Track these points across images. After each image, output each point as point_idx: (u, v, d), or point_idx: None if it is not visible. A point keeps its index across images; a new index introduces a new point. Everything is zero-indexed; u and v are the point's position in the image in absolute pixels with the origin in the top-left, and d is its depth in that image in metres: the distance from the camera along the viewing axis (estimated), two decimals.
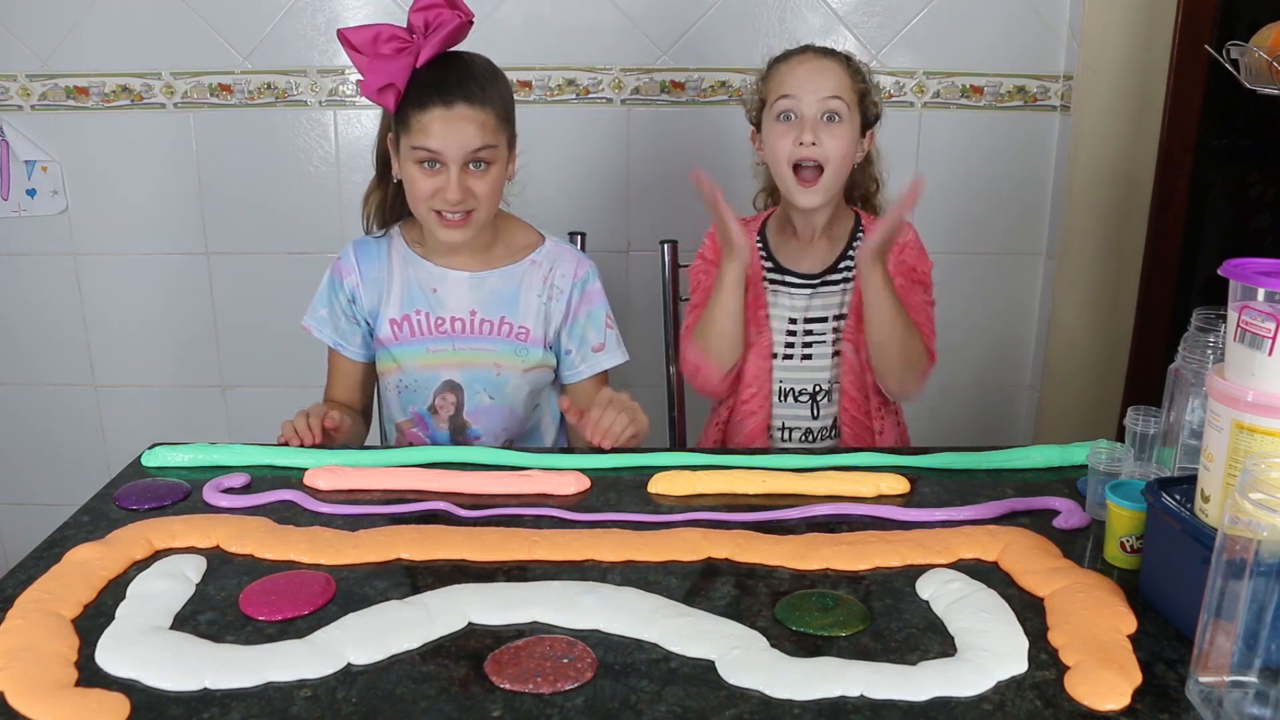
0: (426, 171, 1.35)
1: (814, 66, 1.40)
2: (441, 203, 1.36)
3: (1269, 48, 1.19)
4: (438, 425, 1.49)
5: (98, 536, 1.03)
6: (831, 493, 1.15)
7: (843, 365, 1.47)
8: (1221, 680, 0.75)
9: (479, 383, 1.47)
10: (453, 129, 1.33)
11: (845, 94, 1.39)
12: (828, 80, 1.39)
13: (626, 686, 0.80)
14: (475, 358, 1.47)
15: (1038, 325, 2.14)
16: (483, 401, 1.48)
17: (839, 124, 1.39)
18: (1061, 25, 1.96)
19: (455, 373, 1.47)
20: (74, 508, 1.12)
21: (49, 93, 1.99)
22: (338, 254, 1.50)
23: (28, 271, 2.10)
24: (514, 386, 1.48)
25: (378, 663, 0.83)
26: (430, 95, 1.33)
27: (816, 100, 1.38)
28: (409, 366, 1.47)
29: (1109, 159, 1.90)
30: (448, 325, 1.46)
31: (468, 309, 1.46)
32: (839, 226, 1.50)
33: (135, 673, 0.81)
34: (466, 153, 1.34)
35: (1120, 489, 0.98)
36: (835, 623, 0.88)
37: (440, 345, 1.46)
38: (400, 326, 1.46)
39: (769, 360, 1.48)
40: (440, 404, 1.48)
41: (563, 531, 1.05)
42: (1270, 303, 0.82)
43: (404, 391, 1.49)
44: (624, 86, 1.99)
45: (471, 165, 1.35)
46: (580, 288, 1.49)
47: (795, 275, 1.48)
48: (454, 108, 1.32)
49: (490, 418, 1.49)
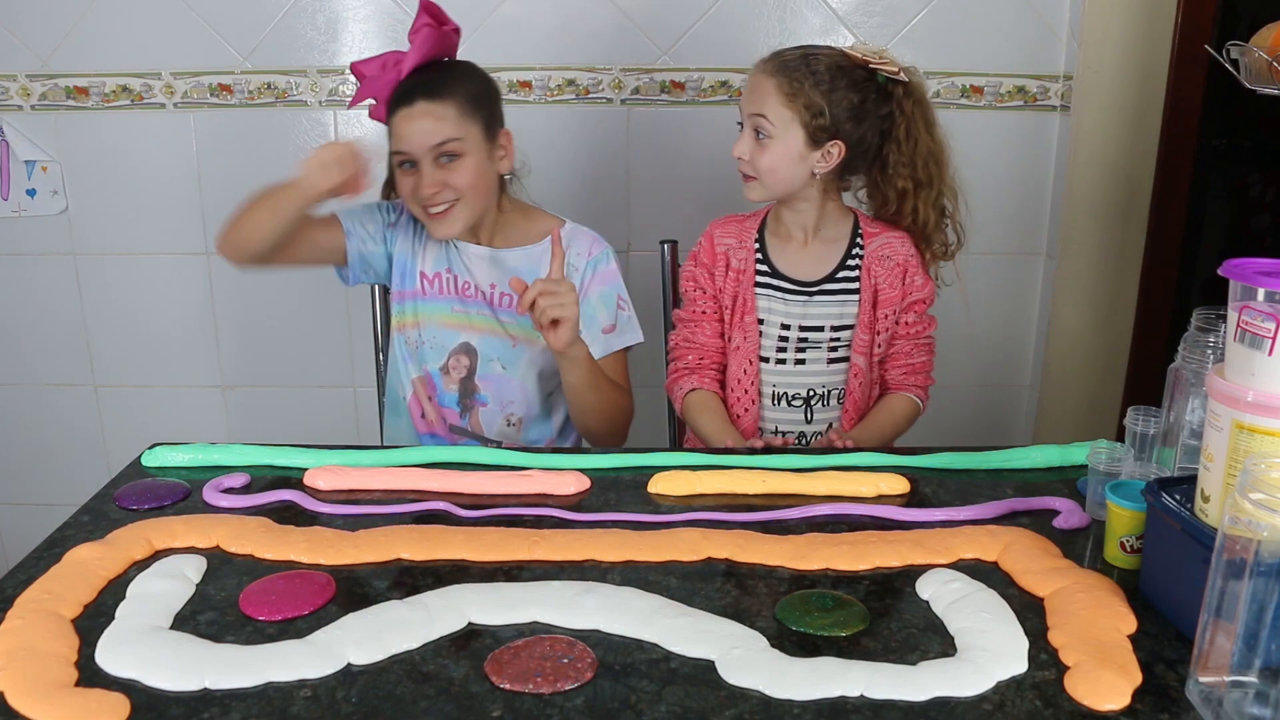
0: (406, 172, 1.42)
1: (751, 82, 1.41)
2: (419, 198, 1.42)
3: (1269, 48, 1.19)
4: (447, 386, 1.52)
5: (98, 536, 1.03)
6: (831, 493, 1.15)
7: (851, 373, 1.47)
8: (1221, 680, 0.75)
9: (493, 350, 1.51)
10: (414, 126, 1.39)
11: (772, 112, 1.37)
12: (756, 97, 1.39)
13: (626, 686, 0.80)
14: (494, 326, 1.51)
15: (1038, 325, 2.14)
16: (495, 370, 1.51)
17: (766, 140, 1.39)
18: (1061, 25, 1.96)
19: (473, 336, 1.51)
20: (74, 508, 1.12)
21: (49, 93, 1.99)
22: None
23: (28, 271, 2.10)
24: (527, 360, 1.51)
25: (378, 663, 0.83)
26: (398, 99, 1.41)
27: (748, 115, 1.41)
28: (430, 323, 1.51)
29: (1109, 159, 1.90)
30: (474, 291, 1.51)
31: (488, 284, 1.50)
32: (833, 229, 1.49)
33: (135, 673, 0.81)
34: (429, 147, 1.39)
35: (1120, 489, 0.98)
36: (835, 623, 0.88)
37: (465, 307, 1.51)
38: (431, 283, 1.51)
39: (756, 364, 1.47)
40: (454, 365, 1.51)
41: (563, 531, 1.05)
42: (1270, 303, 0.82)
43: (420, 348, 1.52)
44: (624, 86, 1.99)
45: (442, 159, 1.40)
46: (593, 267, 1.51)
47: (790, 281, 1.47)
48: (414, 105, 1.39)
49: (500, 386, 1.51)
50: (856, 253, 1.48)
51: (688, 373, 1.51)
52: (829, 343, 1.47)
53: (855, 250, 1.48)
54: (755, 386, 1.48)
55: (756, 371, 1.48)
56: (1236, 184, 2.73)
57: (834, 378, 1.49)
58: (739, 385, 1.48)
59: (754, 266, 1.48)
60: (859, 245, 1.48)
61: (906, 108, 1.41)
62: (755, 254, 1.48)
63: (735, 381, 1.49)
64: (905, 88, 1.41)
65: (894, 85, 1.41)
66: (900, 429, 1.50)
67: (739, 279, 1.47)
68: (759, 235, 1.50)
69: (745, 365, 1.47)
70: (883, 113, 1.41)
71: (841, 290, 1.47)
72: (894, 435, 1.49)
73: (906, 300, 1.48)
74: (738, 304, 1.47)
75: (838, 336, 1.47)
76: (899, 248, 1.48)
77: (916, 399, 1.51)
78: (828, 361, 1.48)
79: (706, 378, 1.50)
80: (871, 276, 1.46)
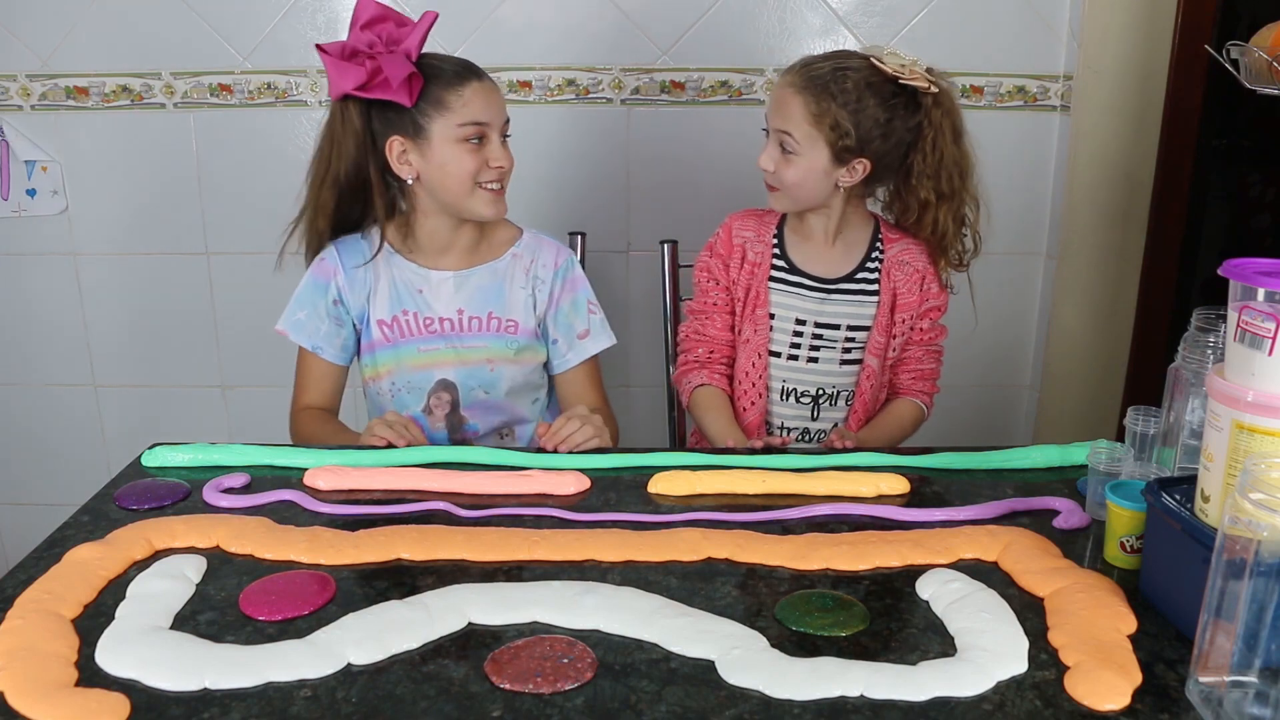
0: (471, 147, 1.38)
1: (778, 96, 1.40)
2: (490, 173, 1.39)
3: (1269, 48, 1.19)
4: (433, 425, 1.49)
5: (98, 536, 1.03)
6: (831, 493, 1.15)
7: (862, 374, 1.47)
8: (1221, 680, 0.75)
9: (473, 379, 1.48)
10: (493, 99, 1.39)
11: (798, 129, 1.36)
12: (783, 112, 1.38)
13: (626, 686, 0.80)
14: (468, 355, 1.47)
15: (1038, 325, 2.14)
16: (478, 397, 1.48)
17: (791, 155, 1.38)
18: (1061, 25, 1.96)
19: (449, 371, 1.47)
20: (74, 508, 1.12)
21: (49, 93, 1.99)
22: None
23: (28, 271, 2.10)
24: (508, 378, 1.49)
25: (378, 663, 0.83)
26: (461, 73, 1.38)
27: (773, 130, 1.40)
28: (401, 368, 1.47)
29: (1109, 159, 1.90)
30: (437, 325, 1.46)
31: (454, 308, 1.47)
32: (854, 232, 1.48)
33: (135, 673, 0.81)
34: (503, 121, 1.41)
35: (1120, 489, 0.98)
36: (835, 623, 0.88)
37: (432, 345, 1.47)
38: (391, 328, 1.46)
39: (764, 359, 1.48)
40: (435, 403, 1.48)
41: (563, 531, 1.05)
42: (1270, 303, 0.82)
43: (398, 395, 1.48)
44: (624, 86, 1.99)
45: (504, 138, 1.41)
46: (562, 276, 1.51)
47: (808, 277, 1.47)
48: (484, 80, 1.39)
49: (487, 411, 1.50)
50: (877, 255, 1.48)
51: (697, 366, 1.51)
52: (844, 343, 1.48)
53: (876, 253, 1.48)
54: (763, 381, 1.48)
55: (765, 365, 1.48)
56: (1236, 184, 2.73)
57: (844, 379, 1.49)
58: (746, 379, 1.49)
59: (770, 260, 1.48)
60: (879, 248, 1.48)
61: (935, 118, 1.38)
62: (773, 248, 1.48)
63: (743, 375, 1.49)
64: (935, 98, 1.38)
65: (924, 95, 1.38)
66: (906, 434, 1.51)
67: (754, 272, 1.47)
68: (778, 231, 1.50)
69: (754, 359, 1.48)
70: (910, 124, 1.38)
71: (860, 291, 1.47)
72: (900, 440, 1.50)
73: (923, 307, 1.49)
74: (750, 296, 1.47)
75: (852, 337, 1.47)
76: (918, 254, 1.48)
77: (923, 405, 1.53)
78: (840, 362, 1.48)
79: (715, 373, 1.50)
80: (891, 280, 1.47)
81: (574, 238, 1.75)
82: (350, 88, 1.34)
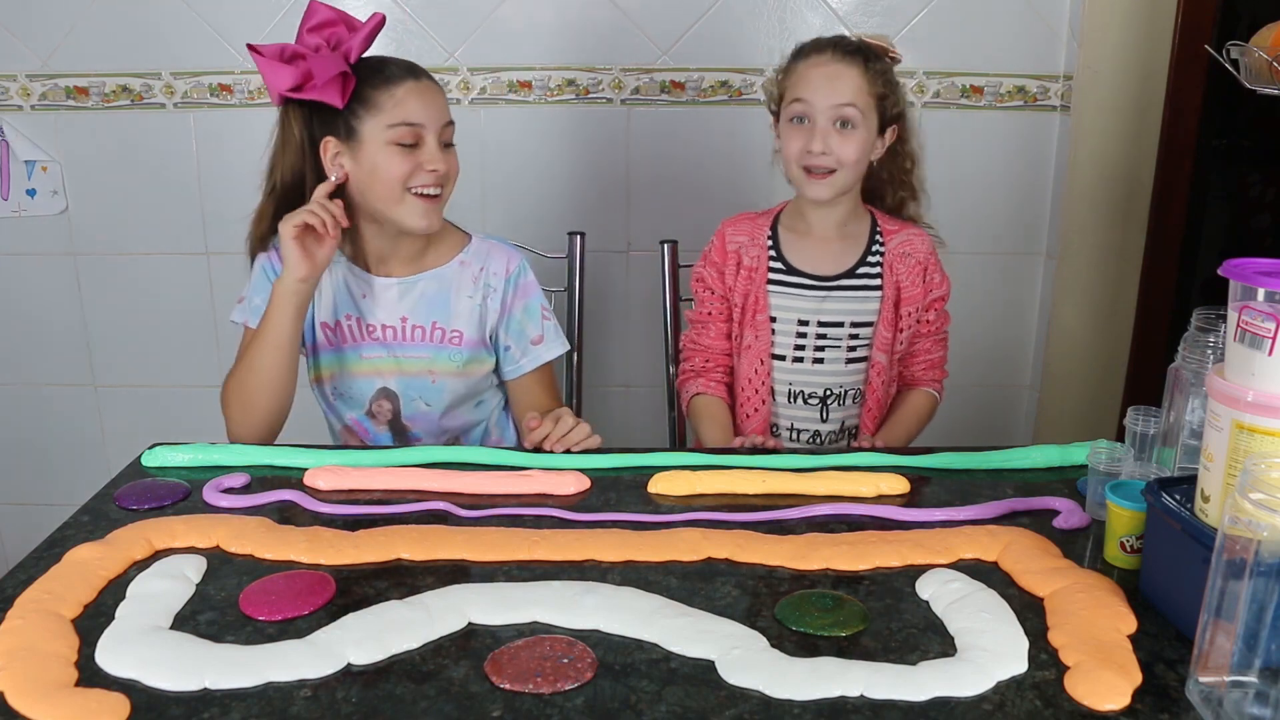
0: (403, 151, 1.31)
1: (828, 71, 1.38)
2: (424, 177, 1.33)
3: (1269, 48, 1.19)
4: (377, 429, 1.47)
5: (98, 536, 1.03)
6: (831, 493, 1.15)
7: (872, 371, 1.47)
8: (1221, 680, 0.75)
9: (414, 390, 1.44)
10: (429, 99, 1.33)
11: (859, 99, 1.37)
12: (840, 86, 1.37)
13: (626, 686, 0.80)
14: (409, 365, 1.43)
15: (1038, 325, 2.14)
16: (419, 408, 1.45)
17: (851, 130, 1.38)
18: (1061, 25, 1.96)
19: (390, 380, 1.44)
20: (74, 508, 1.12)
21: (49, 93, 1.99)
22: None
23: (28, 271, 2.10)
24: (450, 390, 1.45)
25: (378, 663, 0.83)
26: (395, 72, 1.32)
27: (829, 107, 1.37)
28: (344, 373, 1.44)
29: (1109, 159, 1.90)
30: (379, 333, 1.43)
31: (398, 316, 1.42)
32: (854, 225, 1.49)
33: (135, 673, 0.81)
34: (441, 124, 1.34)
35: (1120, 489, 0.98)
36: (835, 623, 0.88)
37: (374, 352, 1.43)
38: (333, 332, 1.43)
39: (768, 362, 1.47)
40: (377, 409, 1.45)
41: (563, 531, 1.05)
42: (1270, 303, 0.82)
43: (339, 399, 1.46)
44: (624, 86, 1.99)
45: (443, 143, 1.35)
46: (514, 283, 1.46)
47: (807, 276, 1.47)
48: (421, 80, 1.33)
49: (429, 422, 1.46)
50: (876, 249, 1.48)
51: (694, 375, 1.52)
52: (848, 341, 1.47)
53: (875, 247, 1.48)
54: (767, 385, 1.48)
55: (769, 370, 1.47)
56: (1236, 184, 2.74)
57: (852, 378, 1.49)
58: (749, 385, 1.48)
59: (767, 264, 1.47)
60: (879, 242, 1.48)
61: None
62: (768, 250, 1.48)
63: (746, 381, 1.49)
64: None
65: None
66: (924, 425, 1.52)
67: (751, 277, 1.47)
68: (772, 232, 1.50)
69: (757, 364, 1.47)
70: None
71: (862, 286, 1.47)
72: (919, 432, 1.50)
73: (928, 298, 1.49)
74: (749, 302, 1.47)
75: (857, 334, 1.47)
76: (919, 245, 1.48)
77: (936, 394, 1.53)
78: (846, 361, 1.48)
79: (713, 380, 1.51)
80: (894, 274, 1.46)
81: (574, 238, 1.75)
82: (284, 89, 1.30)
